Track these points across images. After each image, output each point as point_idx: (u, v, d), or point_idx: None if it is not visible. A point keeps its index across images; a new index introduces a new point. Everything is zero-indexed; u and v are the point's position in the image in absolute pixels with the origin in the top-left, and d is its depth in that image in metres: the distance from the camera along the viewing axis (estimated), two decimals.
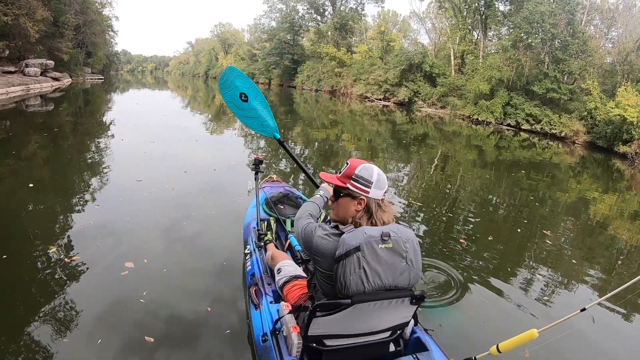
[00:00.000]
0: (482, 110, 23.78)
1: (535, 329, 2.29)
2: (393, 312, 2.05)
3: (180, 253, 4.24)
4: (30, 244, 4.34)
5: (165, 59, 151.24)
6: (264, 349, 2.38)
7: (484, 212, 6.86)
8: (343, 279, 1.84)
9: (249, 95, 2.85)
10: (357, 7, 48.74)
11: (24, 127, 12.64)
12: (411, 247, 1.91)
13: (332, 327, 2.03)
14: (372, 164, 2.01)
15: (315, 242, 1.94)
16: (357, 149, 12.62)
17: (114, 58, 74.79)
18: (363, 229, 1.88)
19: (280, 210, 4.24)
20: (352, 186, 1.98)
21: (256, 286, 2.98)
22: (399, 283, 1.91)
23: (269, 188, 4.78)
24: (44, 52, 33.25)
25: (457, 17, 31.48)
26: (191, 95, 37.30)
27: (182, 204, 5.72)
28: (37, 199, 5.77)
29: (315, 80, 44.81)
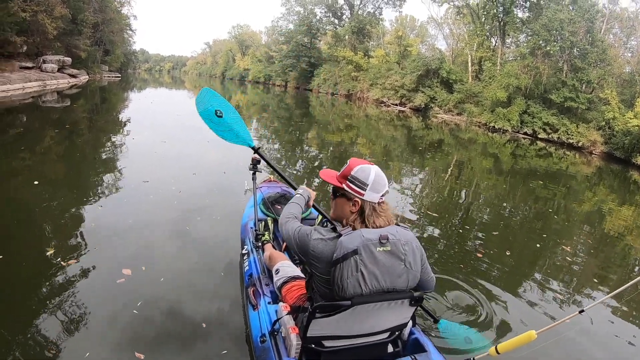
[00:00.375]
0: (498, 118, 23.64)
1: (534, 331, 2.31)
2: (392, 314, 2.06)
3: (179, 260, 4.12)
4: (28, 244, 4.28)
5: (182, 59, 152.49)
6: (263, 350, 2.39)
7: (499, 223, 6.85)
8: (340, 281, 1.84)
9: (223, 112, 3.03)
10: (374, 12, 48.70)
11: (39, 122, 12.95)
12: (410, 249, 1.91)
13: (331, 328, 2.04)
14: (371, 165, 1.98)
15: (312, 246, 1.94)
16: (371, 153, 12.64)
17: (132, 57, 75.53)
18: (361, 231, 1.87)
19: (277, 210, 4.26)
20: (347, 187, 1.97)
21: (254, 287, 2.98)
22: (397, 286, 1.91)
23: (266, 188, 4.81)
24: (62, 48, 33.56)
25: (475, 23, 31.34)
26: None
27: (187, 207, 5.58)
28: (40, 197, 5.71)
29: (332, 84, 44.85)
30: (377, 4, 48.48)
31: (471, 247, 5.50)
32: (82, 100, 22.72)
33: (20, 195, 5.83)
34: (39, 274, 3.64)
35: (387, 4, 48.10)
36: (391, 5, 48.12)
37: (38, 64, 29.70)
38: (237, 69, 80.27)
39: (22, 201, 5.59)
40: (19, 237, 4.43)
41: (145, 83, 53.47)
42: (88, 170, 7.52)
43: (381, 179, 1.95)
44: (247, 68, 74.40)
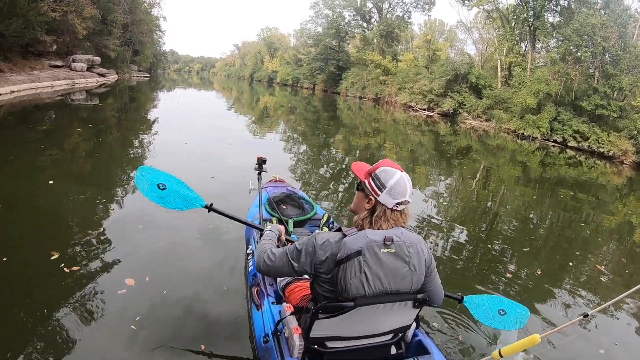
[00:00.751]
0: (528, 125, 23.31)
1: (537, 334, 2.28)
2: (395, 315, 2.05)
3: (185, 272, 3.93)
4: (34, 246, 4.18)
5: (211, 60, 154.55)
6: (265, 350, 2.40)
7: (527, 236, 6.74)
8: (343, 282, 1.84)
9: (165, 183, 2.96)
10: (403, 15, 48.83)
11: (66, 120, 13.46)
12: (415, 252, 1.90)
13: (334, 329, 2.04)
14: (398, 170, 1.94)
15: (319, 249, 1.91)
16: (398, 158, 12.68)
17: (162, 57, 76.96)
18: (365, 232, 1.87)
19: (282, 210, 4.28)
20: (368, 183, 1.96)
21: (258, 286, 2.99)
22: (401, 288, 1.91)
23: (272, 188, 4.85)
24: (92, 48, 34.48)
25: (505, 27, 31.03)
26: (235, 97, 37.88)
27: (199, 215, 5.14)
28: (53, 197, 5.71)
29: (360, 87, 44.90)
30: (406, 7, 48.70)
31: (497, 259, 5.47)
32: (110, 99, 23.44)
33: (33, 195, 5.80)
34: (39, 280, 3.54)
35: (416, 7, 48.24)
36: (420, 9, 48.18)
37: (68, 63, 30.52)
38: (266, 71, 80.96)
39: (34, 200, 5.58)
40: (25, 238, 4.37)
41: (174, 83, 54.21)
42: (104, 171, 7.63)
43: (401, 187, 1.89)
44: (275, 70, 74.99)
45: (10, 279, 3.58)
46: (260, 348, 2.48)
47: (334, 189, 8.16)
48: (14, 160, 7.49)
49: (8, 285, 3.49)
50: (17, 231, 4.54)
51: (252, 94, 43.95)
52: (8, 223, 4.69)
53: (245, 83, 74.94)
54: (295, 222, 4.13)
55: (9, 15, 20.05)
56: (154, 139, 10.99)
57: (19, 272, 3.66)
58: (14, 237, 4.36)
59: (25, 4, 20.62)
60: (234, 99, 35.78)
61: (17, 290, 3.41)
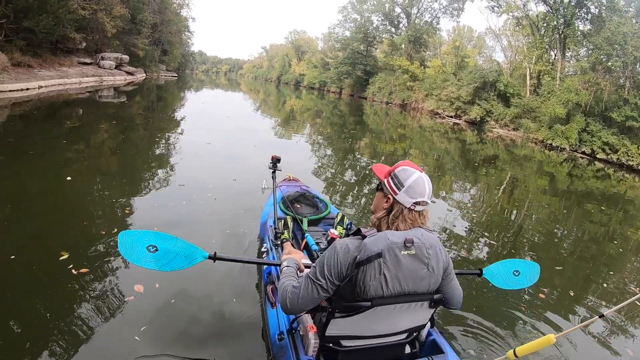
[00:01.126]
0: (556, 135, 23.00)
1: (552, 334, 2.27)
2: (411, 315, 2.05)
3: (199, 272, 3.69)
4: (44, 244, 4.12)
5: (239, 62, 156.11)
6: (280, 348, 2.41)
7: (552, 248, 6.71)
8: (363, 283, 1.83)
9: (155, 244, 2.53)
10: (432, 21, 48.59)
11: (93, 116, 13.83)
12: (434, 253, 1.89)
13: (349, 328, 2.03)
14: (417, 170, 1.93)
15: (341, 261, 1.87)
16: (424, 165, 12.76)
17: (190, 57, 78.19)
18: (386, 234, 1.85)
19: (296, 209, 4.30)
20: (387, 183, 1.97)
21: (273, 284, 2.98)
22: (419, 289, 1.91)
23: (286, 187, 4.93)
24: (120, 46, 35.48)
25: (535, 35, 30.71)
26: (262, 99, 38.16)
27: (218, 219, 5.30)
28: (69, 193, 5.71)
29: (387, 93, 44.85)
30: (435, 13, 48.49)
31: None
32: (138, 97, 23.99)
33: (49, 190, 5.79)
34: (45, 281, 3.48)
35: (445, 13, 48.00)
36: (449, 15, 47.89)
37: (96, 61, 31.39)
38: (293, 74, 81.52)
39: (49, 196, 5.57)
40: (36, 236, 4.30)
41: (202, 84, 54.80)
42: (124, 170, 7.60)
43: (420, 186, 1.88)
44: (302, 73, 75.45)
45: (15, 278, 3.51)
46: (275, 345, 2.50)
47: (357, 194, 8.31)
48: (34, 155, 7.54)
49: (11, 285, 3.41)
50: (28, 228, 4.47)
51: (278, 97, 44.29)
52: (20, 219, 4.68)
53: (272, 85, 75.37)
54: (310, 221, 4.17)
55: (39, 11, 20.63)
56: (178, 138, 11.16)
57: (25, 272, 3.59)
58: (25, 234, 4.29)
59: (55, 2, 21.23)
60: (261, 100, 36.13)
61: (21, 291, 3.33)
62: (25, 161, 7.12)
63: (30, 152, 7.72)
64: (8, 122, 11.10)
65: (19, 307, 3.14)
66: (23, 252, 3.90)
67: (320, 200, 4.56)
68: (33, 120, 11.45)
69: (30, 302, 3.20)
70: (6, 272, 3.56)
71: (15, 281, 3.49)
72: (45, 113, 13.60)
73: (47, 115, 13.08)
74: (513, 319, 3.83)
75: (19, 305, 3.16)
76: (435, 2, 48.05)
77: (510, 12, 32.87)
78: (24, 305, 3.16)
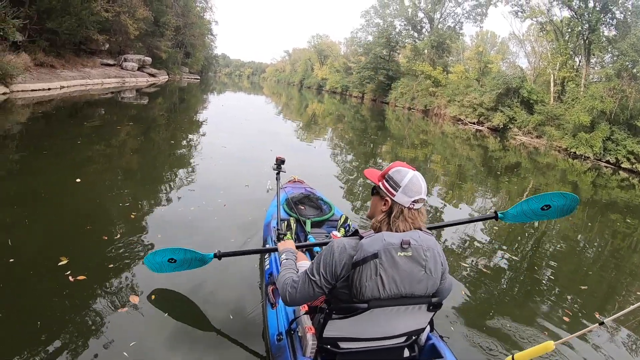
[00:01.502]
0: (580, 144, 22.54)
1: (551, 341, 2.27)
2: (409, 318, 2.05)
3: (194, 293, 3.65)
4: (45, 248, 4.07)
5: (262, 66, 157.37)
6: (279, 348, 2.43)
7: (573, 259, 6.61)
8: (359, 284, 1.85)
9: (173, 257, 3.27)
10: (455, 26, 48.40)
11: (112, 117, 14.16)
12: (431, 255, 1.90)
13: (347, 330, 2.05)
14: (410, 169, 1.97)
15: (336, 260, 1.92)
16: (444, 172, 12.84)
17: (213, 60, 79.01)
18: (382, 235, 1.87)
19: (300, 210, 4.33)
20: (382, 186, 1.98)
21: (273, 285, 2.98)
22: (416, 291, 1.91)
23: (290, 188, 4.96)
24: (143, 48, 36.23)
25: (559, 40, 30.30)
26: (284, 103, 38.44)
27: (226, 226, 5.21)
28: (75, 196, 5.64)
29: (409, 98, 44.61)
30: (458, 18, 48.22)
31: (539, 281, 5.29)
32: (160, 99, 24.42)
33: (56, 192, 5.76)
34: (40, 287, 3.42)
35: (468, 18, 47.62)
36: (472, 20, 47.54)
37: (119, 62, 32.02)
38: (315, 78, 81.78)
39: (55, 198, 5.54)
40: (38, 239, 4.28)
41: (224, 86, 55.31)
42: (134, 173, 7.52)
43: (415, 185, 1.92)
44: (324, 77, 75.60)
45: (10, 282, 3.46)
46: (274, 346, 2.52)
47: (367, 197, 8.26)
48: (49, 155, 7.68)
49: (5, 289, 3.36)
50: (32, 230, 4.46)
51: (300, 101, 44.53)
52: (23, 220, 4.63)
53: (294, 89, 75.65)
54: (313, 223, 4.19)
55: (62, 13, 21.15)
56: (195, 141, 11.30)
57: (22, 276, 3.56)
58: (27, 237, 4.26)
59: (78, 4, 21.76)
60: (283, 104, 36.43)
61: (13, 296, 3.28)
62: (39, 160, 7.22)
63: (44, 152, 7.87)
64: (30, 121, 11.53)
65: (7, 313, 3.07)
66: (23, 255, 3.87)
67: (325, 202, 4.60)
68: (54, 120, 11.94)
69: (20, 310, 3.15)
70: (2, 276, 3.50)
71: (9, 286, 3.42)
72: (65, 113, 14.17)
73: (68, 115, 13.62)
74: (512, 325, 3.83)
75: (7, 312, 3.08)
76: (459, 7, 47.63)
77: (534, 17, 32.48)
78: (13, 313, 3.09)
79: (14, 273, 3.59)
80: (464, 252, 5.89)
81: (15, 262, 3.72)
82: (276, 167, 4.29)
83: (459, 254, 5.76)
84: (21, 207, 5.05)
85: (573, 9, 28.93)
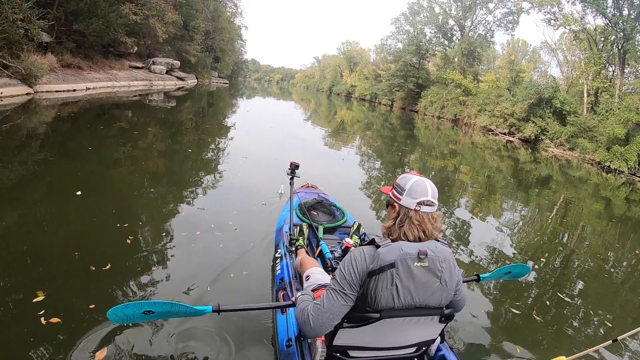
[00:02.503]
0: (615, 157, 21.88)
1: (564, 357, 2.30)
2: (421, 329, 2.06)
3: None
4: (24, 279, 3.57)
5: (291, 71, 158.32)
6: (288, 354, 2.41)
7: (603, 277, 6.43)
8: (374, 293, 1.85)
9: (149, 309, 2.39)
10: (486, 34, 47.87)
11: (136, 123, 14.17)
12: (447, 267, 1.91)
13: (357, 339, 2.05)
14: (416, 175, 2.03)
15: (361, 265, 1.92)
16: (473, 182, 12.80)
17: (243, 65, 79.84)
18: (400, 244, 1.88)
19: (313, 216, 4.29)
20: (391, 194, 2.06)
21: (284, 291, 3.02)
22: (430, 302, 1.92)
23: (304, 193, 4.95)
24: (172, 52, 36.68)
25: (593, 49, 29.58)
26: (313, 109, 38.52)
27: (234, 251, 4.59)
28: (70, 214, 5.15)
29: (439, 107, 44.17)
30: (489, 26, 47.67)
31: (568, 296, 5.17)
32: (188, 102, 24.65)
33: (53, 207, 5.34)
34: (6, 329, 2.97)
35: (499, 26, 47.00)
36: (503, 28, 46.91)
37: (147, 65, 32.38)
38: (344, 84, 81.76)
39: (46, 217, 5.00)
40: (17, 268, 3.73)
41: (254, 92, 55.80)
42: (139, 188, 6.87)
43: (420, 187, 1.96)
44: (354, 84, 75.51)
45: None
46: (283, 352, 2.50)
47: (382, 205, 8.30)
48: (53, 163, 7.48)
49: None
50: (14, 255, 3.96)
51: (329, 107, 44.55)
52: (7, 244, 4.17)
53: (323, 96, 75.69)
54: (325, 229, 4.15)
55: (90, 15, 21.54)
56: (217, 150, 11.23)
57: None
58: (7, 264, 3.76)
59: (106, 6, 22.10)
60: (312, 110, 36.54)
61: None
62: (41, 167, 7.14)
63: (50, 158, 7.81)
64: (55, 121, 11.91)
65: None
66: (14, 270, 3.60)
67: (337, 209, 4.57)
68: (80, 121, 12.28)
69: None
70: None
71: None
72: (92, 114, 14.52)
73: (94, 117, 13.95)
74: (524, 338, 3.80)
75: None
76: (490, 14, 47.14)
77: (567, 26, 31.86)
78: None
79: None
80: (485, 264, 5.88)
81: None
82: (290, 172, 4.30)
83: (479, 264, 5.77)
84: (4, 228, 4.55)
85: (607, 17, 28.26)
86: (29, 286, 3.41)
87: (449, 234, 7.00)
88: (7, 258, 3.88)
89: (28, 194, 5.66)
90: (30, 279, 3.55)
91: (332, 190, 6.16)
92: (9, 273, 3.62)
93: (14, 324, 3.00)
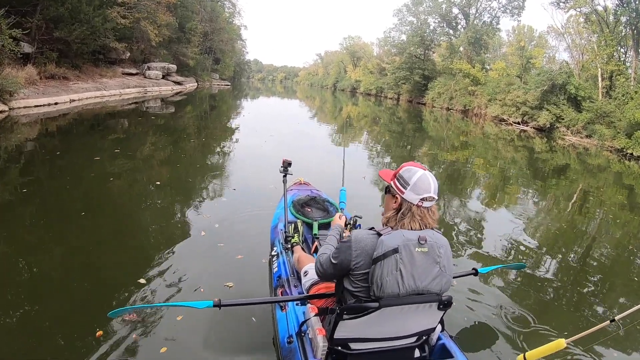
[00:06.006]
0: (636, 144, 20.36)
1: (563, 339, 2.31)
2: (420, 317, 2.08)
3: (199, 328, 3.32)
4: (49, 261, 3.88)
5: (294, 70, 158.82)
6: (289, 351, 2.43)
7: (627, 270, 6.18)
8: (380, 279, 1.89)
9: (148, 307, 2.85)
10: (491, 21, 46.97)
11: (129, 134, 13.71)
12: (445, 253, 1.97)
13: (358, 330, 2.07)
14: (420, 168, 2.04)
15: (354, 248, 1.98)
16: (487, 175, 12.42)
17: (245, 66, 79.69)
18: (401, 231, 1.93)
19: (307, 213, 4.32)
20: (393, 184, 2.08)
21: (282, 288, 3.06)
22: (431, 288, 1.96)
23: (297, 191, 4.98)
24: (169, 56, 35.57)
25: (604, 31, 28.38)
26: (318, 107, 38.32)
27: (231, 266, 4.46)
28: (66, 240, 4.95)
29: (447, 98, 43.25)
30: (494, 12, 46.80)
31: (589, 292, 5.10)
32: (189, 107, 24.17)
33: (46, 234, 5.06)
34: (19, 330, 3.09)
35: (505, 12, 46.21)
36: (509, 14, 46.08)
37: (142, 71, 31.11)
38: (349, 80, 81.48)
39: (43, 244, 4.77)
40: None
41: (258, 92, 56.14)
42: (135, 208, 6.59)
43: (424, 183, 1.98)
44: (358, 80, 75.22)
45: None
46: (284, 349, 2.51)
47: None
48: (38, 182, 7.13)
49: None
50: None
51: (334, 104, 44.52)
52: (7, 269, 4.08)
53: (328, 92, 75.95)
54: (320, 225, 4.17)
55: (72, 21, 19.91)
56: (217, 156, 11.10)
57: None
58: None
59: (90, 10, 20.50)
60: (317, 108, 36.41)
61: None
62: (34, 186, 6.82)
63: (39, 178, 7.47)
64: (40, 138, 11.21)
65: None
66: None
67: (331, 204, 4.57)
68: (68, 137, 11.58)
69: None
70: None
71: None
72: (84, 127, 13.90)
73: (87, 129, 13.37)
74: (523, 324, 3.84)
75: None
76: (495, 0, 46.18)
77: (578, 7, 30.57)
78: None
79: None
80: (481, 248, 6.00)
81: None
82: (283, 169, 4.24)
83: (475, 250, 5.87)
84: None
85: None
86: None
87: (463, 226, 7.10)
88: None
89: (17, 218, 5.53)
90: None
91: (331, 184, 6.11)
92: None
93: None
